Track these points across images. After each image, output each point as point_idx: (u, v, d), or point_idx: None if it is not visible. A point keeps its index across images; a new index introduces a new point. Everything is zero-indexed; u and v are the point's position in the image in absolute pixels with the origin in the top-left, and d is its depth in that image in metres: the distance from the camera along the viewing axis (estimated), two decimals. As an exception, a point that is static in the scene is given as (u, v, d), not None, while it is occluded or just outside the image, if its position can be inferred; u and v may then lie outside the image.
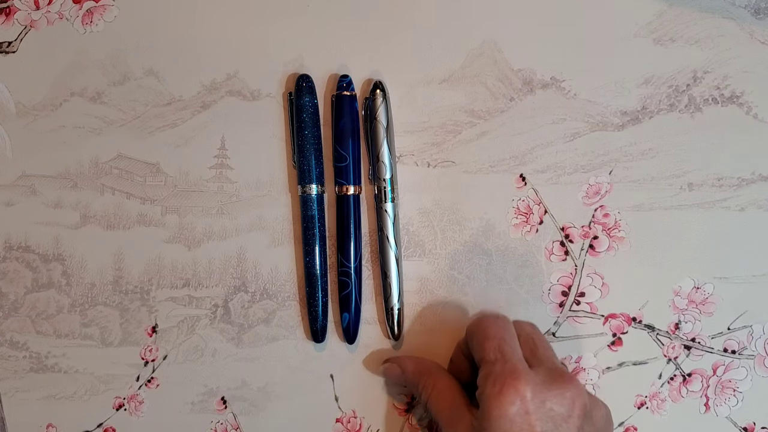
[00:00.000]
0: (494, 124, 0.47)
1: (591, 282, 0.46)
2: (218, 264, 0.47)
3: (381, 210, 0.45)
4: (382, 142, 0.45)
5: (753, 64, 0.46)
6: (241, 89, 0.47)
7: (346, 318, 0.46)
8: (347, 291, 0.45)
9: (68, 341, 0.47)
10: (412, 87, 0.47)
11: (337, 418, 0.47)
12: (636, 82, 0.46)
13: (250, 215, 0.47)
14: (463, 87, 0.47)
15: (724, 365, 0.46)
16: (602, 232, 0.46)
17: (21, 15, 0.47)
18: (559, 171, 0.46)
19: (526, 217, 0.47)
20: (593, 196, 0.46)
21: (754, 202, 0.46)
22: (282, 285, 0.47)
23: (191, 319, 0.47)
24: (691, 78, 0.46)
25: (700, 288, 0.46)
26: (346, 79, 0.46)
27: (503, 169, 0.47)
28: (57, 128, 0.47)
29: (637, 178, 0.46)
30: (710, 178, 0.46)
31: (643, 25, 0.46)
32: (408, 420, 0.47)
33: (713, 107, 0.46)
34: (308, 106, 0.45)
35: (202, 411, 0.47)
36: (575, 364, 0.47)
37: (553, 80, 0.46)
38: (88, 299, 0.47)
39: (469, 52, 0.47)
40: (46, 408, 0.47)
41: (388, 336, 0.46)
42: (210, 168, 0.47)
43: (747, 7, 0.46)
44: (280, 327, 0.47)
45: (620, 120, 0.46)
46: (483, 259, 0.47)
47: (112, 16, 0.47)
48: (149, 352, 0.47)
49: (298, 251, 0.46)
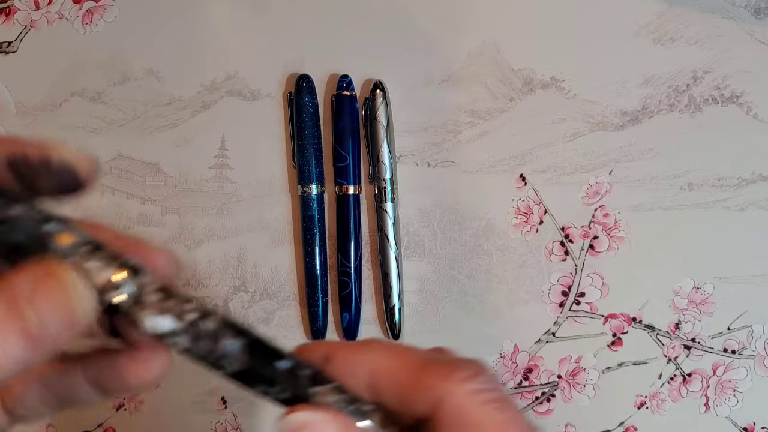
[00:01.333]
0: (494, 124, 0.47)
1: (591, 282, 0.46)
2: (218, 264, 0.47)
3: (381, 210, 0.45)
4: (382, 142, 0.45)
5: (753, 64, 0.46)
6: (241, 89, 0.47)
7: (346, 318, 0.46)
8: (347, 291, 0.45)
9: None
10: (412, 87, 0.47)
11: (337, 418, 0.47)
12: (636, 82, 0.46)
13: (250, 215, 0.47)
14: (464, 87, 0.47)
15: (724, 365, 0.46)
16: (602, 232, 0.46)
17: (21, 15, 0.47)
18: (559, 171, 0.46)
19: (526, 217, 0.47)
20: (593, 196, 0.46)
21: (754, 202, 0.46)
22: (282, 285, 0.47)
23: (191, 319, 0.47)
24: (691, 78, 0.46)
25: (700, 288, 0.46)
26: (346, 79, 0.46)
27: (503, 169, 0.47)
28: (57, 128, 0.47)
29: (637, 178, 0.46)
30: (710, 178, 0.46)
31: (643, 25, 0.46)
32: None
33: (713, 107, 0.46)
34: (308, 106, 0.45)
35: (202, 411, 0.47)
36: (575, 364, 0.47)
37: (554, 80, 0.46)
38: (88, 299, 0.47)
39: (469, 52, 0.47)
40: (46, 408, 0.47)
41: (388, 336, 0.46)
42: (210, 168, 0.47)
43: (747, 7, 0.46)
44: (280, 327, 0.47)
45: (620, 120, 0.46)
46: (483, 259, 0.47)
47: (112, 16, 0.47)
48: (149, 352, 0.47)
49: (298, 251, 0.46)
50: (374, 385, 0.21)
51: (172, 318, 0.20)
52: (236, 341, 0.20)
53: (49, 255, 0.19)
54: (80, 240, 0.19)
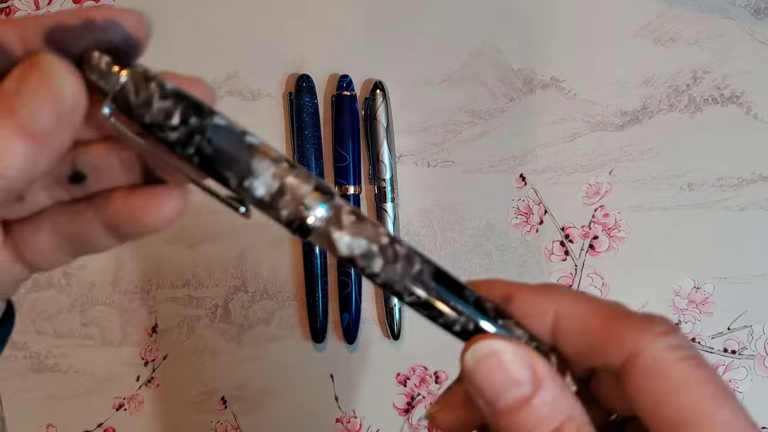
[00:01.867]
0: (494, 124, 0.47)
1: (591, 282, 0.46)
2: (218, 264, 0.47)
3: (381, 210, 0.45)
4: (382, 142, 0.45)
5: (753, 64, 0.46)
6: (241, 89, 0.47)
7: (346, 318, 0.46)
8: (347, 291, 0.45)
9: (68, 341, 0.47)
10: (412, 87, 0.47)
11: (337, 418, 0.47)
12: (636, 82, 0.46)
13: (250, 215, 0.47)
14: (464, 87, 0.46)
15: (724, 365, 0.46)
16: (602, 232, 0.46)
17: (21, 15, 0.47)
18: (559, 171, 0.46)
19: (526, 217, 0.47)
20: (593, 196, 0.46)
21: (754, 202, 0.46)
22: (282, 285, 0.47)
23: (191, 319, 0.47)
24: (691, 78, 0.46)
25: (700, 288, 0.46)
26: (346, 79, 0.46)
27: (503, 169, 0.47)
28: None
29: (637, 178, 0.46)
30: (710, 178, 0.46)
31: (643, 25, 0.46)
32: (408, 420, 0.47)
33: (713, 107, 0.46)
34: (308, 106, 0.45)
35: (202, 411, 0.47)
36: (575, 364, 0.47)
37: (553, 80, 0.46)
38: (88, 299, 0.47)
39: (469, 52, 0.47)
40: (46, 408, 0.47)
41: (388, 336, 0.46)
42: (210, 168, 0.47)
43: (747, 7, 0.46)
44: (280, 327, 0.47)
45: (620, 120, 0.46)
46: (483, 259, 0.47)
47: (112, 16, 0.47)
48: (149, 352, 0.47)
49: (298, 251, 0.46)
50: (556, 330, 0.21)
51: (366, 241, 0.20)
52: (425, 268, 0.20)
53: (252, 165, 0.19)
54: (279, 155, 0.20)
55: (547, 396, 0.19)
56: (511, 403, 0.19)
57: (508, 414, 0.19)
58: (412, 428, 0.47)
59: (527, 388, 0.19)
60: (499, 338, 0.20)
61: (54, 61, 0.18)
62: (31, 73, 0.18)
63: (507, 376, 0.19)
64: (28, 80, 0.18)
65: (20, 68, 0.18)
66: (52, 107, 0.18)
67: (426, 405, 0.46)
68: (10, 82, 0.18)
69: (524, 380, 0.19)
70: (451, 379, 0.46)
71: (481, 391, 0.19)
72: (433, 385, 0.47)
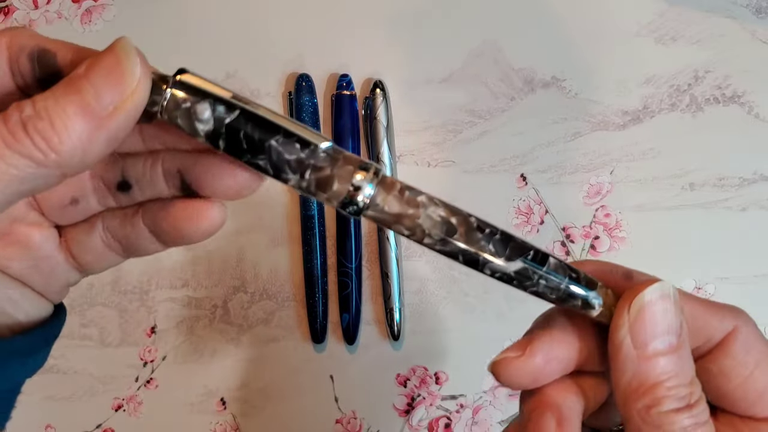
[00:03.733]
0: (495, 123, 0.46)
1: (592, 282, 0.46)
2: (217, 264, 0.47)
3: (381, 210, 0.45)
4: (382, 141, 0.45)
5: (754, 63, 0.46)
6: (240, 88, 0.47)
7: (346, 318, 0.45)
8: (347, 291, 0.45)
9: (67, 342, 0.47)
10: (412, 87, 0.46)
11: (337, 419, 0.47)
12: (637, 82, 0.46)
13: (250, 215, 0.47)
14: (464, 86, 0.46)
15: (725, 366, 0.46)
16: (603, 232, 0.46)
17: (20, 14, 0.47)
18: (560, 171, 0.46)
19: (526, 217, 0.46)
20: (594, 196, 0.46)
21: (755, 202, 0.46)
22: (281, 285, 0.47)
23: (190, 320, 0.47)
24: (693, 77, 0.46)
25: (701, 288, 0.46)
26: (346, 78, 0.46)
27: (504, 168, 0.46)
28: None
29: (639, 177, 0.46)
30: (712, 178, 0.46)
31: (644, 24, 0.46)
32: (408, 421, 0.47)
33: (715, 107, 0.46)
34: (308, 105, 0.45)
35: (202, 412, 0.47)
36: (576, 365, 0.47)
37: (554, 80, 0.46)
38: (87, 299, 0.47)
39: (470, 51, 0.46)
40: (45, 408, 0.47)
41: (388, 336, 0.46)
42: (209, 168, 0.47)
43: (748, 6, 0.46)
44: (279, 327, 0.47)
45: (621, 120, 0.46)
46: (483, 260, 0.46)
47: (111, 15, 0.47)
48: (148, 353, 0.47)
49: (298, 251, 0.46)
50: None
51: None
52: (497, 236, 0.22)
53: None
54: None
55: (687, 351, 0.22)
56: (660, 349, 0.22)
57: (655, 357, 0.22)
58: (412, 429, 0.47)
59: (675, 340, 0.22)
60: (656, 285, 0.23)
61: (127, 43, 0.19)
62: (102, 54, 0.19)
63: (667, 323, 0.22)
64: (99, 60, 0.19)
65: (94, 54, 0.19)
66: (116, 87, 0.19)
67: (426, 406, 0.46)
68: (82, 66, 0.19)
69: (676, 333, 0.22)
70: (451, 378, 0.46)
71: (639, 333, 0.22)
72: (434, 386, 0.46)
